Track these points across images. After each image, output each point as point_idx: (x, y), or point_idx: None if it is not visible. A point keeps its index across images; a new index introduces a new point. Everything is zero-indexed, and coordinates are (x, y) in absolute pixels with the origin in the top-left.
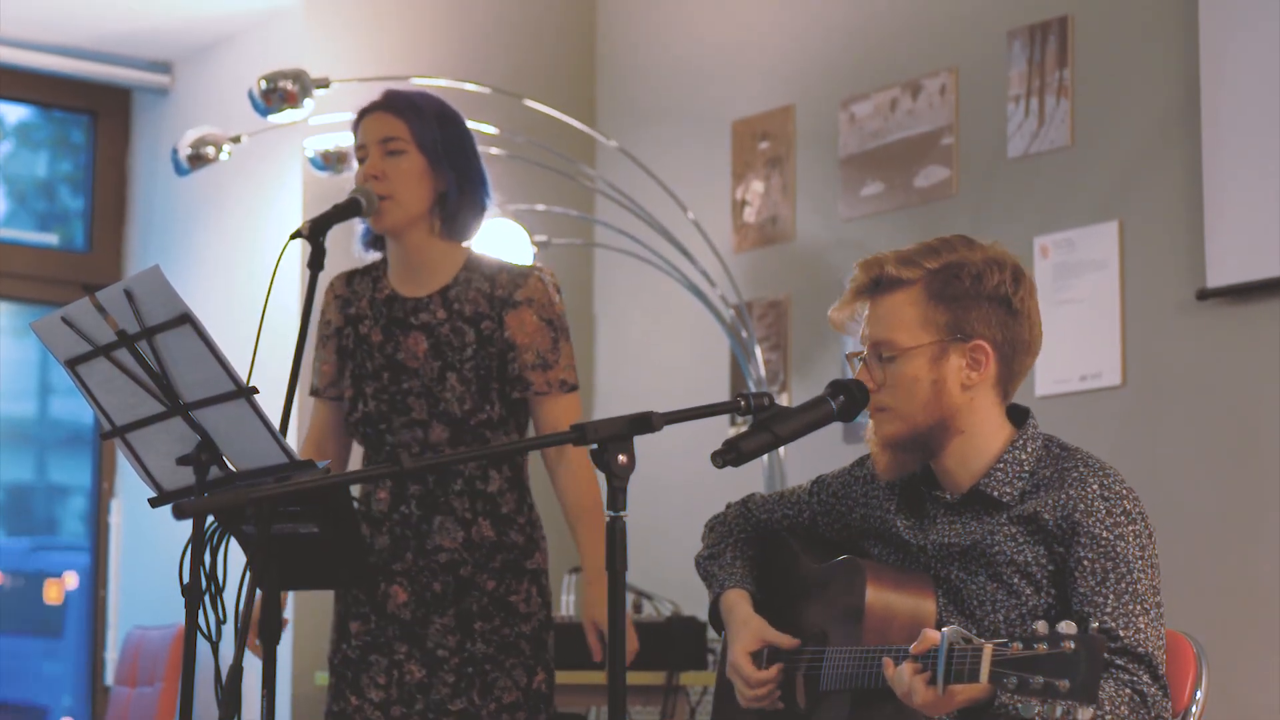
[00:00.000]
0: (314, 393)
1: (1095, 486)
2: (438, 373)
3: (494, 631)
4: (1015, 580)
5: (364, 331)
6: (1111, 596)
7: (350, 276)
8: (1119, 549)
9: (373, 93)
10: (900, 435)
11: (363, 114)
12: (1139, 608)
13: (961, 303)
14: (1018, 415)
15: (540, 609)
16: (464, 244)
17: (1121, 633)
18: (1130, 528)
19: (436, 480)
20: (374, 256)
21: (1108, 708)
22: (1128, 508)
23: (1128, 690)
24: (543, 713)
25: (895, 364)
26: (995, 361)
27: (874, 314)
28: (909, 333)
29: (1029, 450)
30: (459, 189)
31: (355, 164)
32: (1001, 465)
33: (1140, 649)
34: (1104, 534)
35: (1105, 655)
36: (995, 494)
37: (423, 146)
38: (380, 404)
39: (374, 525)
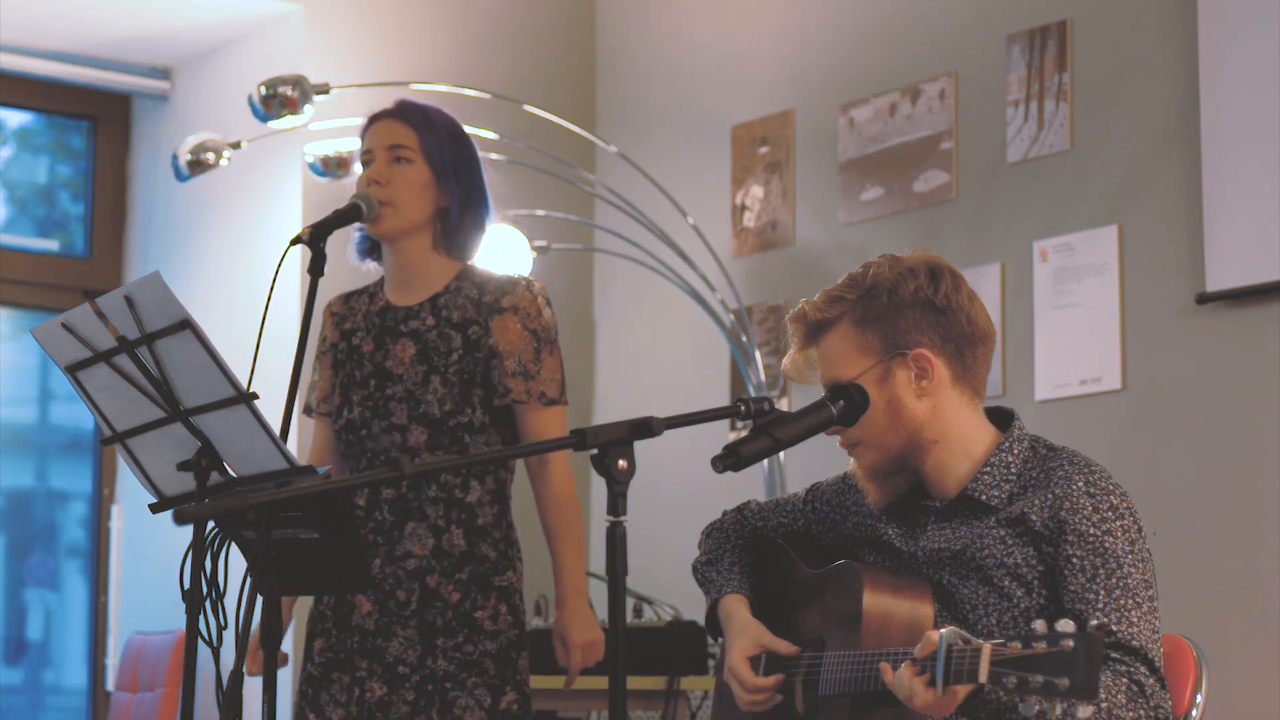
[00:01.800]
0: (306, 410)
1: (1080, 484)
2: (422, 377)
3: (456, 649)
4: (1006, 583)
5: (356, 343)
6: (1102, 592)
7: (348, 296)
8: (1107, 544)
9: (374, 98)
10: (879, 463)
11: (373, 120)
12: (1131, 602)
13: (886, 319)
14: (1003, 419)
15: (510, 628)
16: (462, 261)
17: (1115, 627)
18: (1118, 523)
19: (410, 484)
20: (369, 266)
21: (1104, 697)
22: (1114, 503)
23: (1125, 680)
24: None
25: None
26: (942, 363)
27: (820, 357)
28: (850, 364)
29: (1015, 452)
30: (461, 206)
31: (356, 169)
32: (988, 469)
33: (1134, 642)
34: (1091, 530)
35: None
36: (983, 498)
37: (429, 158)
38: (364, 410)
39: None
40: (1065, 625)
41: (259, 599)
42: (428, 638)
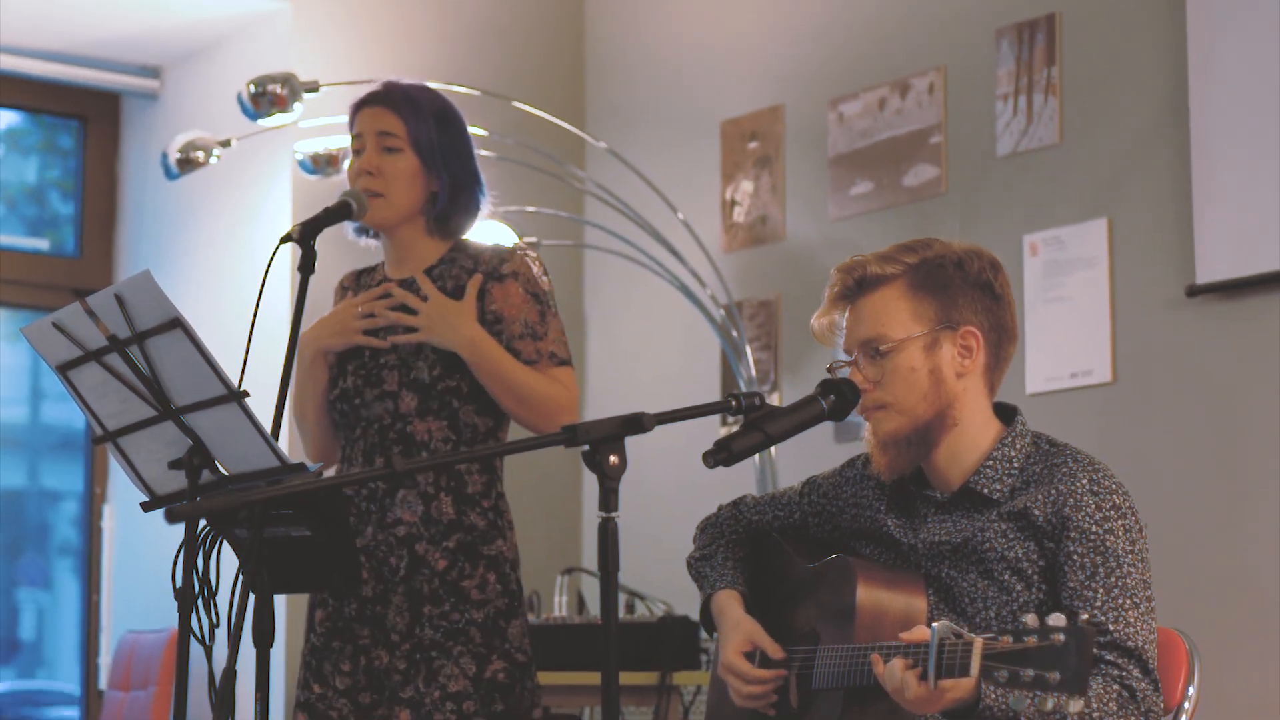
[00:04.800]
0: None
1: (1085, 481)
2: (415, 344)
3: (442, 617)
4: (1006, 577)
5: None
6: (1101, 591)
7: (359, 273)
8: (1108, 543)
9: (364, 92)
10: (901, 430)
11: (361, 105)
12: (1129, 602)
13: (948, 291)
14: (1006, 413)
15: (498, 596)
16: (455, 239)
17: (1111, 627)
18: (1120, 522)
19: (402, 452)
20: (365, 242)
21: (1095, 705)
22: (1117, 502)
23: (1116, 687)
24: (499, 703)
25: (891, 357)
26: (984, 348)
27: (859, 314)
28: (901, 325)
29: (1018, 447)
30: (451, 192)
31: (345, 164)
32: (991, 463)
33: (1130, 643)
34: (1093, 528)
35: (1095, 650)
36: (985, 491)
37: (418, 147)
38: (357, 379)
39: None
40: (1056, 620)
41: (251, 597)
42: (415, 605)
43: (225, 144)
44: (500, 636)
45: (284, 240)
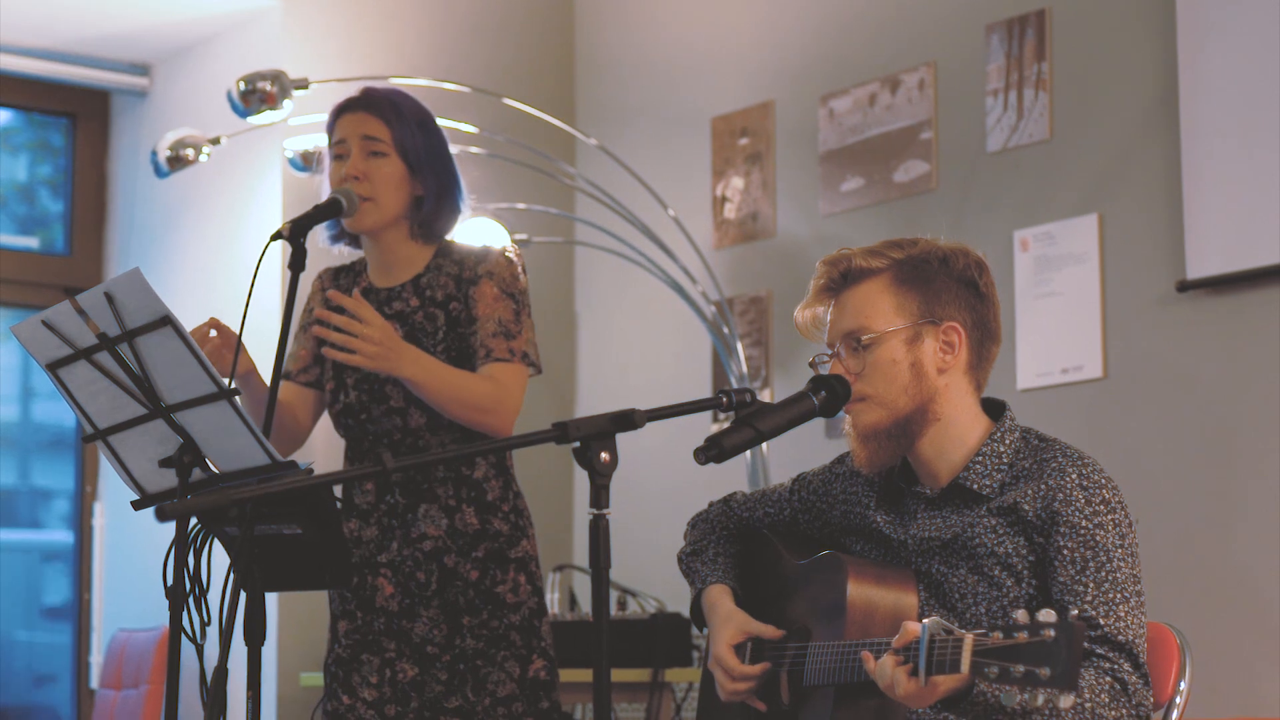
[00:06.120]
0: (285, 376)
1: (1074, 476)
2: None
3: (482, 625)
4: (996, 572)
5: None
6: (1091, 585)
7: (337, 272)
8: (1098, 538)
9: (350, 92)
10: (881, 423)
11: (341, 110)
12: (1119, 596)
13: (932, 285)
14: (994, 409)
15: (530, 596)
16: (439, 242)
17: (1102, 621)
18: (1109, 516)
19: (419, 467)
20: (339, 249)
21: (1088, 696)
22: (1106, 496)
23: (1108, 679)
24: (544, 700)
25: (872, 350)
26: (967, 345)
27: (843, 307)
28: (883, 318)
29: (1007, 442)
30: (436, 195)
31: (330, 161)
32: (980, 458)
33: (1120, 637)
34: (1083, 523)
35: (1085, 644)
36: (975, 487)
37: (402, 151)
38: (361, 394)
39: (361, 517)
40: (1046, 615)
41: (242, 595)
42: (452, 617)
43: (215, 142)
44: (536, 635)
45: (274, 237)
